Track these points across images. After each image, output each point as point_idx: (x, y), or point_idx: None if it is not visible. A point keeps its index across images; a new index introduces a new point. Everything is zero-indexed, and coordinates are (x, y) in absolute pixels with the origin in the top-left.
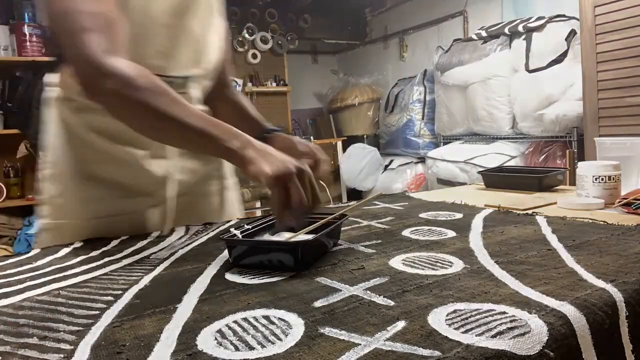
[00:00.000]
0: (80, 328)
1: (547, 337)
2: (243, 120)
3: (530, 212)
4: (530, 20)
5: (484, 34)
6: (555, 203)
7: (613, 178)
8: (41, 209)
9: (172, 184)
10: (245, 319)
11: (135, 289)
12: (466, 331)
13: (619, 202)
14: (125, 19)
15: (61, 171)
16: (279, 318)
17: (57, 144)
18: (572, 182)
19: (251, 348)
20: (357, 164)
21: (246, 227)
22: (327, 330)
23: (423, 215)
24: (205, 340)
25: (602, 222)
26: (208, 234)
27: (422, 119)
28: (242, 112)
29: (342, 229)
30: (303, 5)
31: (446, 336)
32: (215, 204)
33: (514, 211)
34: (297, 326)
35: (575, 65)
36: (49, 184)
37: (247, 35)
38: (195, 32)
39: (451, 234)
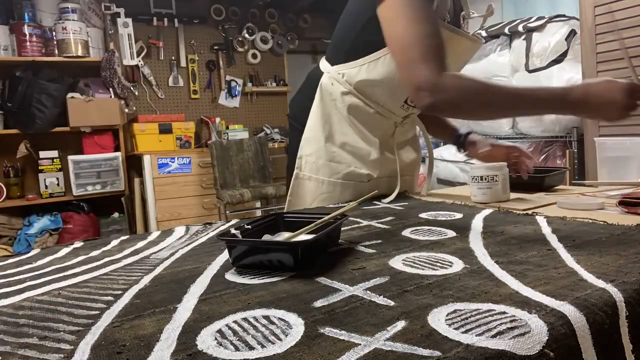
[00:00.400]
0: (80, 328)
1: (547, 337)
2: (440, 126)
3: (530, 212)
4: (530, 20)
5: (484, 34)
6: (555, 203)
7: (485, 178)
8: (298, 162)
9: (385, 169)
10: (245, 319)
11: (135, 289)
12: (466, 331)
13: (618, 201)
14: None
15: (315, 136)
16: (279, 318)
17: (317, 116)
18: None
19: (251, 348)
20: None
21: (246, 227)
22: (327, 330)
23: (423, 215)
24: (205, 340)
25: (602, 222)
26: (208, 234)
27: None
28: (440, 120)
29: (342, 229)
30: (303, 5)
31: (446, 336)
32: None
33: (514, 211)
34: (297, 326)
35: (575, 65)
36: (306, 144)
37: (247, 35)
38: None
39: (451, 234)
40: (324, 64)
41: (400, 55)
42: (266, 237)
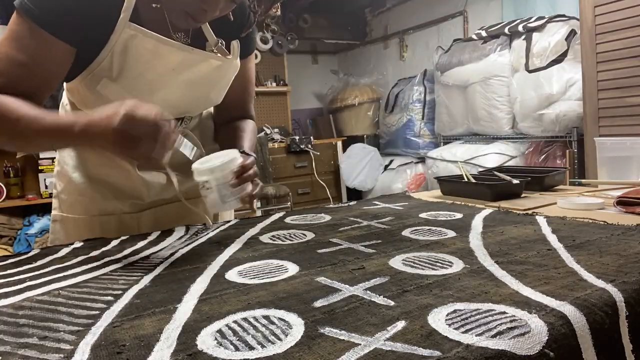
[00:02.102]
0: (80, 328)
1: (547, 337)
2: (228, 141)
3: (530, 212)
4: (530, 20)
5: (484, 34)
6: (555, 203)
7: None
8: (54, 201)
9: (158, 191)
10: (245, 319)
11: (135, 289)
12: (466, 331)
13: (616, 201)
14: (44, 68)
15: (65, 170)
16: (279, 318)
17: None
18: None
19: (251, 348)
20: (357, 164)
21: None
22: (327, 330)
23: (423, 215)
24: (205, 340)
25: (602, 222)
26: (208, 234)
27: (422, 119)
28: (234, 135)
29: (342, 228)
30: (303, 5)
31: (446, 336)
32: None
33: (514, 211)
34: (297, 326)
35: (575, 65)
36: (57, 180)
37: None
38: (196, 85)
39: (451, 234)
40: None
41: None
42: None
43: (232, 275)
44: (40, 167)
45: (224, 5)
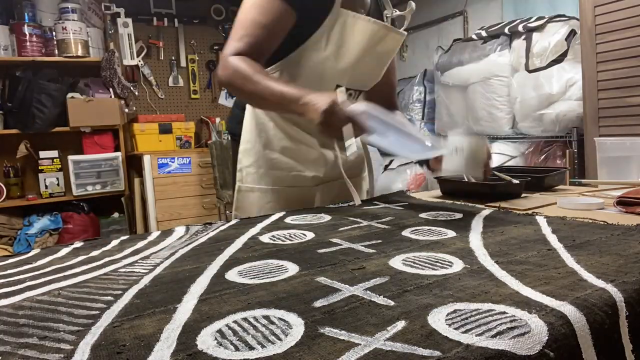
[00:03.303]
0: (80, 328)
1: (547, 337)
2: None
3: (530, 212)
4: (530, 20)
5: (484, 34)
6: (555, 203)
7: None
8: (239, 174)
9: (331, 168)
10: (245, 319)
11: (135, 289)
12: (466, 331)
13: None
14: (276, 33)
15: (256, 148)
16: (279, 318)
17: (249, 127)
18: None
19: (251, 348)
20: None
21: None
22: (327, 330)
23: (423, 215)
24: (205, 340)
25: (602, 222)
26: (208, 234)
27: (422, 118)
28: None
29: (342, 229)
30: None
31: (446, 336)
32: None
33: (514, 211)
34: (297, 326)
35: (575, 65)
36: (243, 157)
37: None
38: (379, 59)
39: (451, 234)
40: None
41: (232, 31)
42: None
43: (232, 275)
44: (40, 167)
45: None
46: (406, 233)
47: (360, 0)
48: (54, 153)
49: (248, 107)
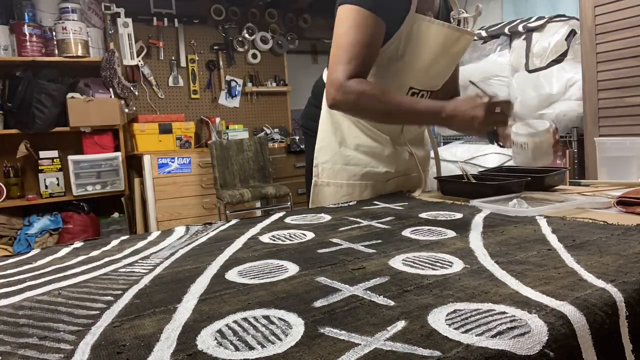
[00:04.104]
0: (80, 328)
1: (547, 337)
2: None
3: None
4: (530, 20)
5: (484, 34)
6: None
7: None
8: (315, 170)
9: (401, 163)
10: (245, 319)
11: (135, 289)
12: (466, 331)
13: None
14: (376, 47)
15: (332, 146)
16: (279, 318)
17: (325, 125)
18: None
19: (251, 348)
20: None
21: None
22: (327, 330)
23: (423, 215)
24: (205, 340)
25: (602, 222)
26: (208, 234)
27: None
28: None
29: (342, 229)
30: (303, 5)
31: (446, 336)
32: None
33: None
34: (297, 326)
35: (575, 65)
36: (319, 154)
37: (247, 35)
38: (451, 60)
39: (451, 234)
40: (325, 73)
41: (333, 52)
42: None
43: (232, 275)
44: (40, 167)
45: None
46: (406, 233)
47: (431, 3)
48: (54, 153)
49: (324, 106)
